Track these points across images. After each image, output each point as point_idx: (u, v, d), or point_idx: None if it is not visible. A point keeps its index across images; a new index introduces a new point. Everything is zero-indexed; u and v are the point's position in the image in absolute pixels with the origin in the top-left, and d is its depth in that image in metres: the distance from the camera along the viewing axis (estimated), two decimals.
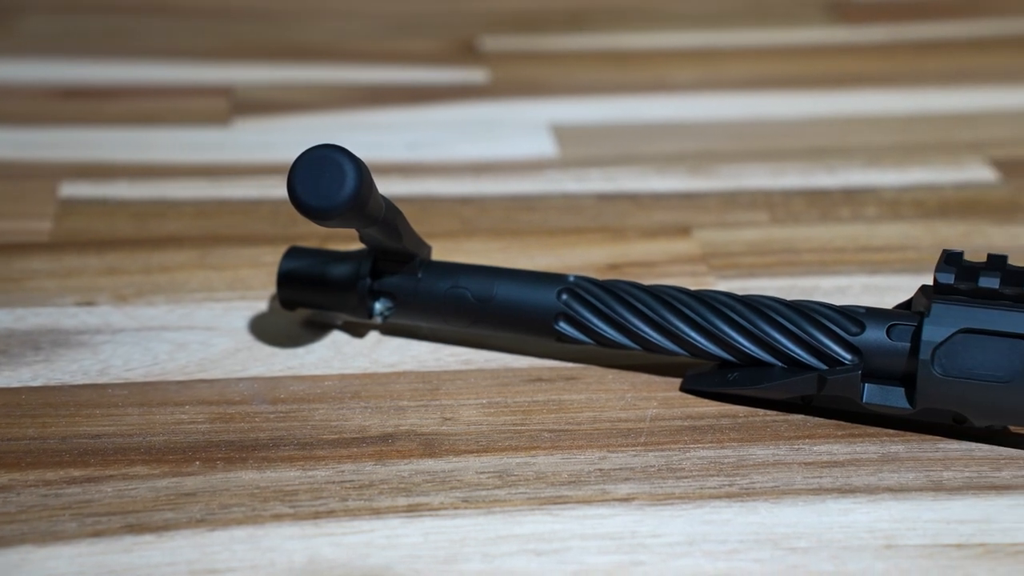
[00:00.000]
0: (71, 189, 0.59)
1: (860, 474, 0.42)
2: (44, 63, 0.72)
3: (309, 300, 0.49)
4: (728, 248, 0.55)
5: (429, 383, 0.47)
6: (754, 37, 0.77)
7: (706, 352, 0.45)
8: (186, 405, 0.45)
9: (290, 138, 0.64)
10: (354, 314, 0.49)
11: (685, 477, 0.42)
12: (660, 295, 0.46)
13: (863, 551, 0.39)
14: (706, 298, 0.45)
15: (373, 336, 0.49)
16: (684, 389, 0.46)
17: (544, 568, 0.38)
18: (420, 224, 0.53)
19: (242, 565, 0.38)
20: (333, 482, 0.42)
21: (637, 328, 0.45)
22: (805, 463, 0.43)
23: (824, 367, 0.44)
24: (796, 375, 0.44)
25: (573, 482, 0.42)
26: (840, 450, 0.43)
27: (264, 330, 0.50)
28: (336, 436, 0.44)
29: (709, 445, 0.43)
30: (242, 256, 0.54)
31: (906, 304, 0.45)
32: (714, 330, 0.45)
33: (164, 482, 0.42)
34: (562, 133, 0.65)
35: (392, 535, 0.40)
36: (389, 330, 0.50)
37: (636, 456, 0.43)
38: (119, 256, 0.54)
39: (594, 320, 0.46)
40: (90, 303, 0.51)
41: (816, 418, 0.45)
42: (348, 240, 0.54)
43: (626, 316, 0.46)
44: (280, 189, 0.58)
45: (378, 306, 0.48)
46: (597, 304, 0.46)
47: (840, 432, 0.44)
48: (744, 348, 0.45)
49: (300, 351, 0.48)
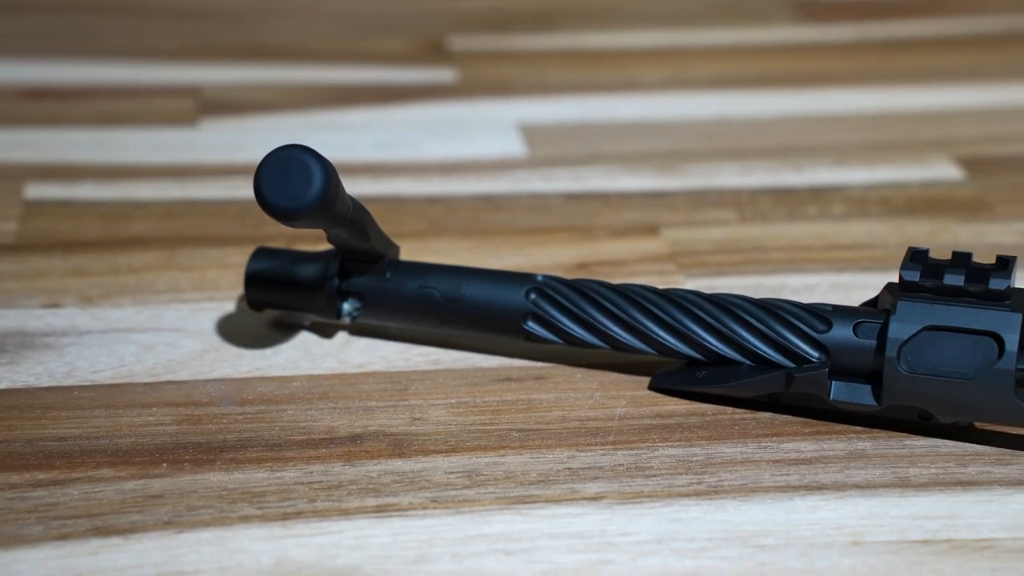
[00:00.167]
0: (37, 190, 0.59)
1: (827, 471, 0.42)
2: (9, 63, 0.72)
3: (277, 301, 0.49)
4: (696, 247, 0.55)
5: (398, 383, 0.47)
6: (722, 36, 0.77)
7: (674, 351, 0.45)
8: (153, 407, 0.45)
9: (258, 138, 0.64)
10: (322, 315, 0.48)
11: (654, 476, 0.42)
12: (628, 294, 0.46)
13: (830, 548, 0.39)
14: (674, 297, 0.46)
15: (341, 336, 0.49)
16: (653, 388, 0.46)
17: (513, 568, 0.38)
18: (388, 224, 0.53)
19: (209, 567, 0.38)
20: (301, 483, 0.42)
21: (606, 327, 0.46)
22: (773, 461, 0.43)
23: (791, 365, 0.44)
24: (764, 373, 0.44)
25: (542, 481, 0.42)
26: (808, 447, 0.43)
27: (232, 331, 0.49)
28: (304, 437, 0.44)
29: (678, 443, 0.44)
30: (209, 257, 0.54)
31: (873, 302, 0.45)
32: (682, 329, 0.45)
33: (131, 484, 0.41)
34: (530, 133, 0.65)
35: (361, 536, 0.40)
36: (357, 330, 0.50)
37: (605, 455, 0.43)
38: (85, 257, 0.54)
39: (563, 319, 0.46)
40: (56, 305, 0.51)
41: (784, 416, 0.45)
42: (316, 241, 0.53)
43: (594, 315, 0.46)
44: (248, 190, 0.58)
45: (346, 306, 0.48)
46: (565, 303, 0.46)
47: (807, 429, 0.44)
48: (712, 346, 0.45)
49: (268, 352, 0.48)
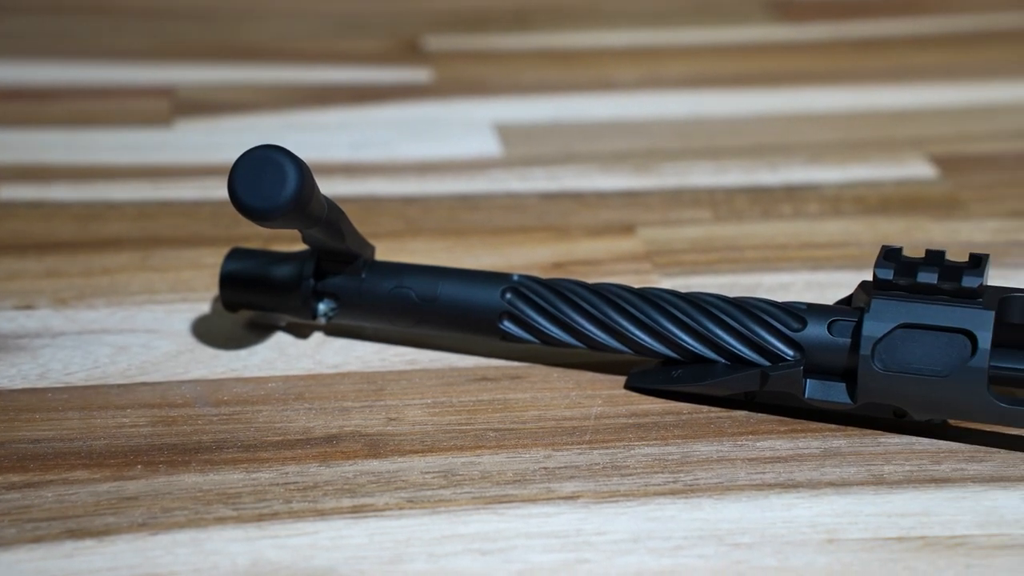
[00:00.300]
0: (9, 192, 0.59)
1: (803, 469, 0.42)
2: None
3: (252, 301, 0.49)
4: (672, 246, 0.55)
5: (374, 383, 0.47)
6: (697, 36, 0.77)
7: (650, 350, 0.45)
8: (128, 408, 0.45)
9: (232, 139, 0.64)
10: (298, 315, 0.48)
11: (630, 474, 0.42)
12: (604, 293, 0.46)
13: (806, 545, 0.39)
14: (650, 296, 0.46)
15: (317, 337, 0.49)
16: (628, 387, 0.46)
17: (489, 567, 0.38)
18: (364, 224, 0.53)
19: (184, 569, 0.38)
20: (277, 484, 0.41)
21: (581, 326, 0.46)
22: (748, 459, 0.43)
23: (766, 363, 0.44)
24: (739, 371, 0.44)
25: (518, 481, 0.42)
26: (783, 445, 0.43)
27: (207, 332, 0.49)
28: (280, 438, 0.44)
29: (653, 442, 0.44)
30: (184, 258, 0.54)
31: (847, 300, 0.45)
32: (658, 328, 0.45)
33: (105, 486, 0.41)
34: (506, 132, 0.65)
35: (337, 536, 0.39)
36: (333, 331, 0.49)
37: (581, 454, 0.43)
38: (59, 259, 0.54)
39: (538, 319, 0.46)
40: (29, 307, 0.50)
41: (759, 414, 0.45)
42: (291, 241, 0.53)
43: (570, 315, 0.46)
44: (222, 190, 0.58)
45: (322, 307, 0.48)
46: (541, 303, 0.46)
47: (783, 428, 0.44)
48: (687, 345, 0.45)
49: (243, 353, 0.48)
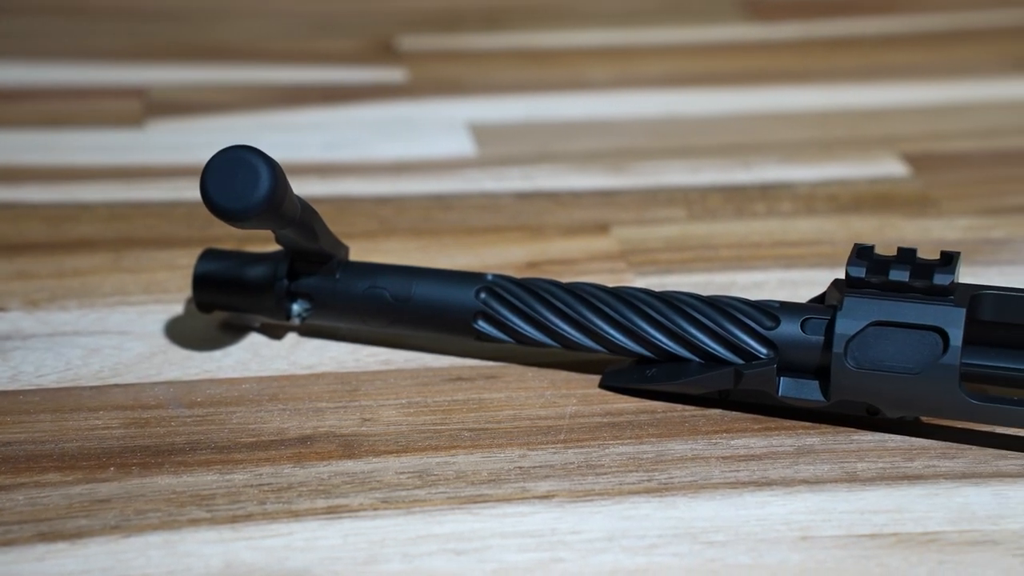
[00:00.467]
0: None
1: (776, 467, 0.42)
2: None
3: (226, 302, 0.48)
4: (646, 245, 0.55)
5: (348, 384, 0.46)
6: (670, 35, 0.77)
7: (624, 349, 0.45)
8: (100, 411, 0.45)
9: (205, 139, 0.64)
10: (271, 316, 0.48)
11: (604, 473, 0.42)
12: (578, 293, 0.46)
13: (779, 543, 0.39)
14: (624, 295, 0.46)
15: (291, 338, 0.49)
16: (603, 386, 0.46)
17: (464, 567, 0.38)
18: (338, 224, 0.53)
19: (158, 571, 0.38)
20: (251, 485, 0.41)
21: (556, 326, 0.46)
22: (723, 457, 0.43)
23: (740, 361, 0.44)
24: (713, 370, 0.44)
25: (493, 480, 0.42)
26: (757, 443, 0.44)
27: (180, 333, 0.49)
28: (254, 439, 0.44)
29: (628, 441, 0.44)
30: (157, 259, 0.54)
31: (820, 298, 0.45)
32: (632, 327, 0.45)
33: (78, 489, 0.41)
34: (480, 132, 0.65)
35: (311, 537, 0.39)
36: (307, 331, 0.49)
37: (556, 453, 0.43)
38: (30, 260, 0.53)
39: (513, 318, 0.46)
40: (1, 309, 0.50)
41: (733, 412, 0.45)
42: (265, 242, 0.53)
43: (545, 314, 0.46)
44: (195, 191, 0.57)
45: (296, 307, 0.48)
46: (516, 302, 0.46)
47: (757, 426, 0.44)
48: (661, 344, 0.45)
49: (217, 354, 0.48)
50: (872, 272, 0.42)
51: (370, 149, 0.63)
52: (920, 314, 0.42)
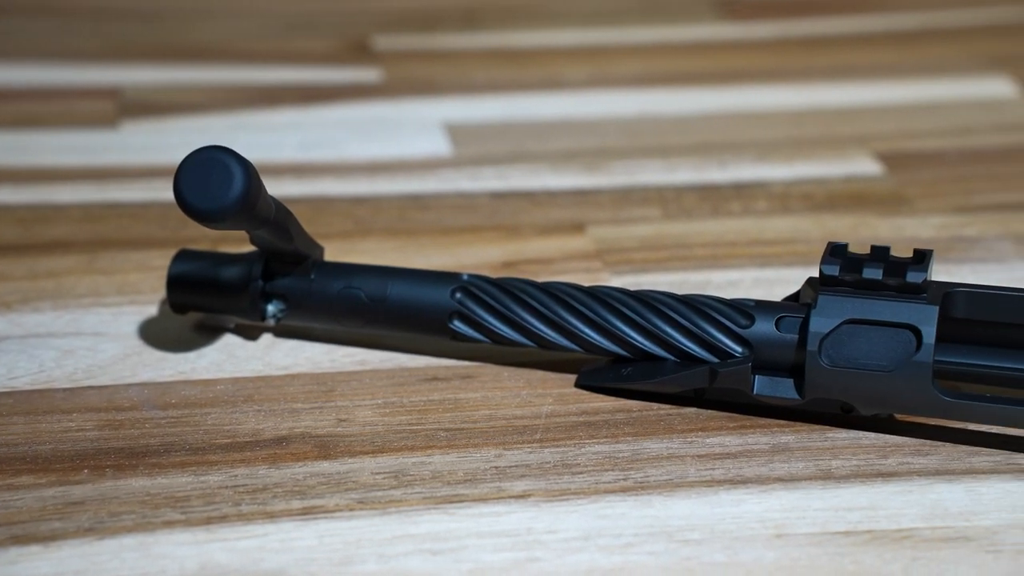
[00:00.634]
0: None
1: (751, 465, 0.43)
2: None
3: (200, 303, 0.48)
4: (622, 244, 0.56)
5: (324, 384, 0.46)
6: (645, 35, 0.78)
7: (600, 348, 0.45)
8: (74, 413, 0.45)
9: (179, 140, 0.63)
10: (246, 316, 0.48)
11: (580, 472, 0.42)
12: (554, 292, 0.46)
13: (754, 541, 0.39)
14: (599, 294, 0.46)
15: (266, 338, 0.49)
16: (579, 385, 0.47)
17: (440, 567, 0.38)
18: (314, 225, 0.53)
19: (132, 574, 0.38)
20: (226, 487, 0.41)
21: (531, 325, 0.46)
22: (698, 456, 0.43)
23: (715, 360, 0.44)
24: (688, 369, 0.44)
25: (469, 480, 0.42)
26: (732, 442, 0.44)
27: (154, 335, 0.49)
28: (229, 440, 0.43)
29: (604, 440, 0.44)
30: (131, 260, 0.54)
31: (794, 296, 0.45)
32: (607, 326, 0.45)
33: (51, 491, 0.41)
34: (456, 132, 0.65)
35: (286, 538, 0.39)
36: (282, 332, 0.49)
37: (532, 453, 0.43)
38: (3, 262, 0.53)
39: (488, 318, 0.46)
40: None
41: (709, 411, 0.45)
42: (240, 242, 0.53)
43: (520, 314, 0.46)
44: (169, 192, 0.57)
45: (271, 308, 0.48)
46: (491, 302, 0.46)
47: (732, 424, 0.45)
48: (637, 343, 0.45)
49: (191, 355, 0.48)
50: (846, 270, 0.42)
51: (346, 149, 0.63)
52: (893, 312, 0.42)
